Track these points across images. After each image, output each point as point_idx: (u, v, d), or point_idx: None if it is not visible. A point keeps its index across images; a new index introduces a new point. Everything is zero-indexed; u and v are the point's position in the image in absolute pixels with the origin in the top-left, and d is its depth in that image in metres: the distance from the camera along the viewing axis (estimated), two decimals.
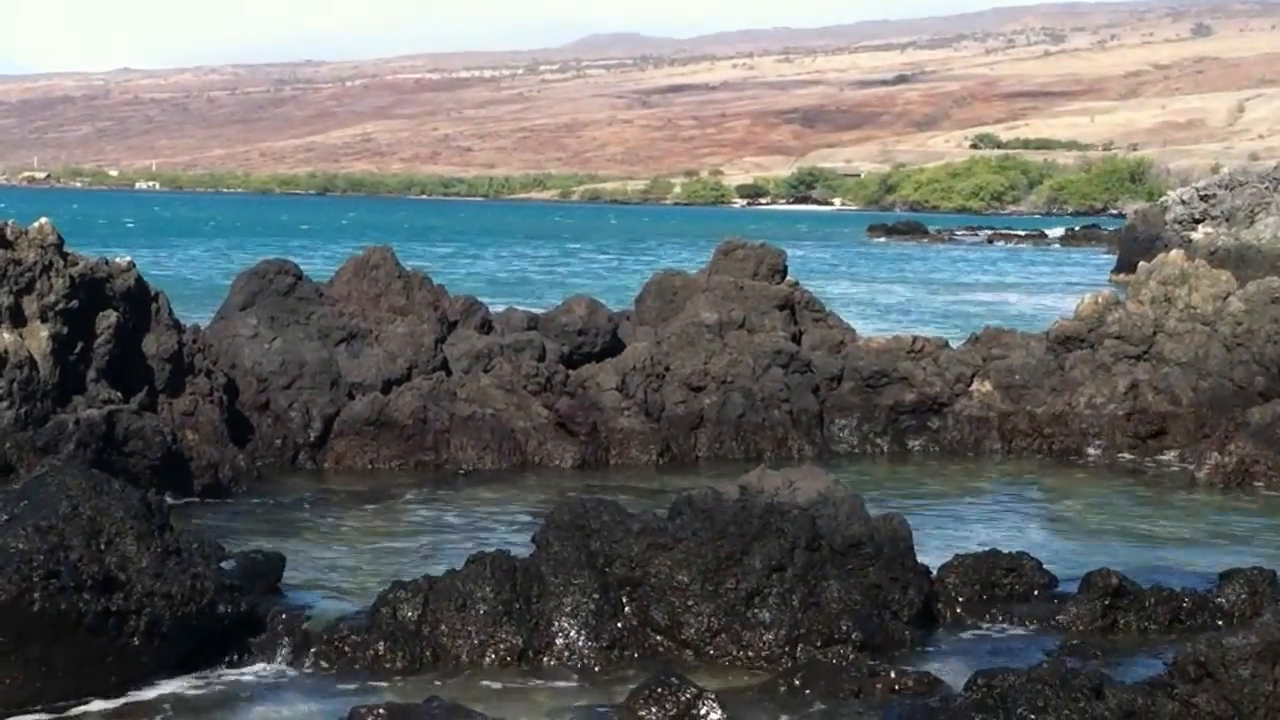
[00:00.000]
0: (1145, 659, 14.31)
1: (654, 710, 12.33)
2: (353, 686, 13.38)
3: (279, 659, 13.93)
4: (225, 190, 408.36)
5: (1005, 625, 15.74)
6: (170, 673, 13.28)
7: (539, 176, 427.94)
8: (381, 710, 11.97)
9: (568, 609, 14.48)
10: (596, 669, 14.02)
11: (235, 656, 13.88)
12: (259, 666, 13.80)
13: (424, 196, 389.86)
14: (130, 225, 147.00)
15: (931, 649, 15.01)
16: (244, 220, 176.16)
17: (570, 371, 26.16)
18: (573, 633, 14.32)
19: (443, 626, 14.25)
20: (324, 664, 13.89)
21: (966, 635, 15.58)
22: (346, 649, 14.02)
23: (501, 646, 14.12)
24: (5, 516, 13.41)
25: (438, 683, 13.37)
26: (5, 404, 20.84)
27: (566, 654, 14.19)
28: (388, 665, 13.84)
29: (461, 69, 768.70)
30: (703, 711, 12.35)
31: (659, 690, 12.45)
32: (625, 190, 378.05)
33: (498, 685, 13.54)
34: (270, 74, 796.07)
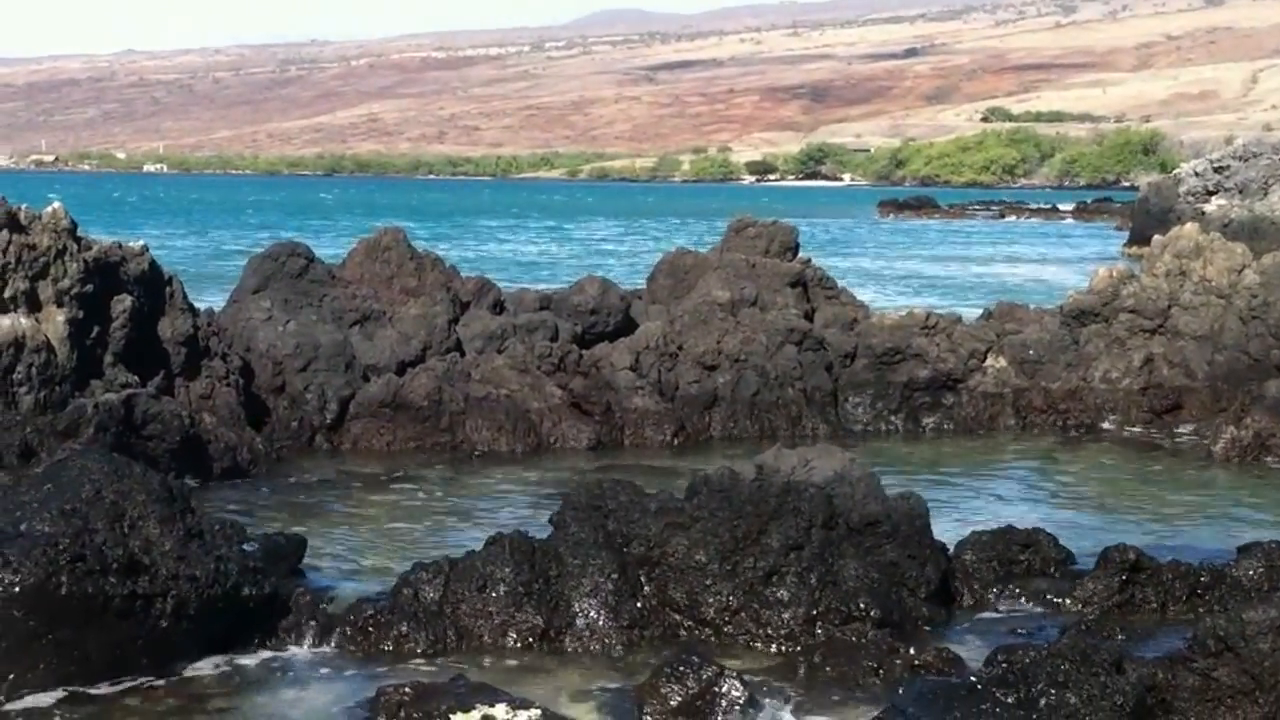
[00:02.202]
0: (1164, 634, 14.34)
1: (675, 688, 12.37)
2: (378, 668, 13.45)
3: (304, 641, 14.00)
4: (233, 172, 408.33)
5: (1023, 602, 15.76)
6: (198, 655, 13.35)
7: (546, 155, 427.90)
8: (408, 689, 12.05)
9: (587, 589, 14.53)
10: (617, 648, 14.08)
11: (260, 639, 13.96)
12: (284, 648, 13.87)
13: (432, 176, 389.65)
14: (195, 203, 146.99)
15: (949, 626, 15.06)
16: (289, 201, 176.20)
17: (583, 351, 26.19)
18: (593, 613, 14.37)
19: (464, 607, 14.31)
20: (349, 645, 13.97)
21: (984, 612, 15.62)
22: (370, 630, 14.10)
23: (522, 627, 14.18)
24: (29, 500, 13.49)
25: (461, 664, 13.43)
26: (24, 389, 20.92)
27: (587, 634, 14.24)
28: (411, 646, 13.92)
29: (467, 47, 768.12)
30: (723, 689, 12.39)
31: (680, 669, 12.49)
32: (633, 168, 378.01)
33: (520, 665, 13.62)
34: (275, 54, 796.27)
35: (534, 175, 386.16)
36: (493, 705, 11.95)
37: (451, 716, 11.76)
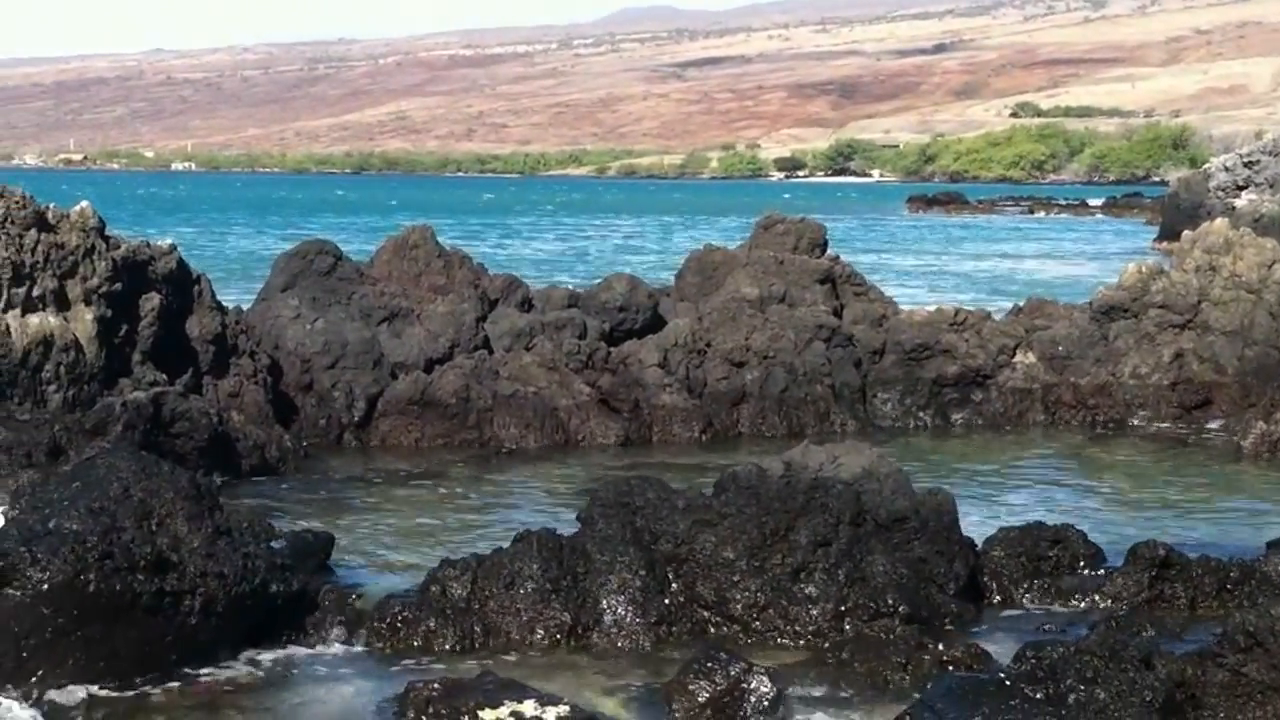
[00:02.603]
0: (1194, 629, 14.29)
1: (703, 685, 12.36)
2: (406, 664, 13.46)
3: (332, 637, 14.02)
4: (261, 170, 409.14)
5: (1052, 597, 15.72)
6: (226, 652, 13.36)
7: (575, 152, 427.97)
8: (436, 686, 12.05)
9: (614, 586, 14.52)
10: (645, 645, 14.07)
11: (289, 636, 13.98)
12: (312, 645, 13.88)
13: (460, 174, 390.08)
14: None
15: (978, 622, 15.02)
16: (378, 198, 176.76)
17: (611, 349, 26.18)
18: (620, 609, 14.36)
19: (492, 604, 14.31)
20: (376, 642, 13.98)
21: (1013, 608, 15.59)
22: (398, 626, 14.11)
23: (550, 623, 14.17)
24: (57, 498, 13.53)
25: (489, 660, 13.43)
26: (53, 387, 21.00)
27: (615, 630, 14.24)
28: (439, 642, 13.92)
29: (495, 45, 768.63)
30: (752, 685, 12.38)
31: (708, 665, 12.48)
32: (661, 165, 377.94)
33: (548, 661, 13.61)
34: (303, 53, 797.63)
35: (562, 172, 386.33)
36: (521, 701, 11.95)
37: (480, 713, 11.75)
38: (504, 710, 11.77)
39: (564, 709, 11.87)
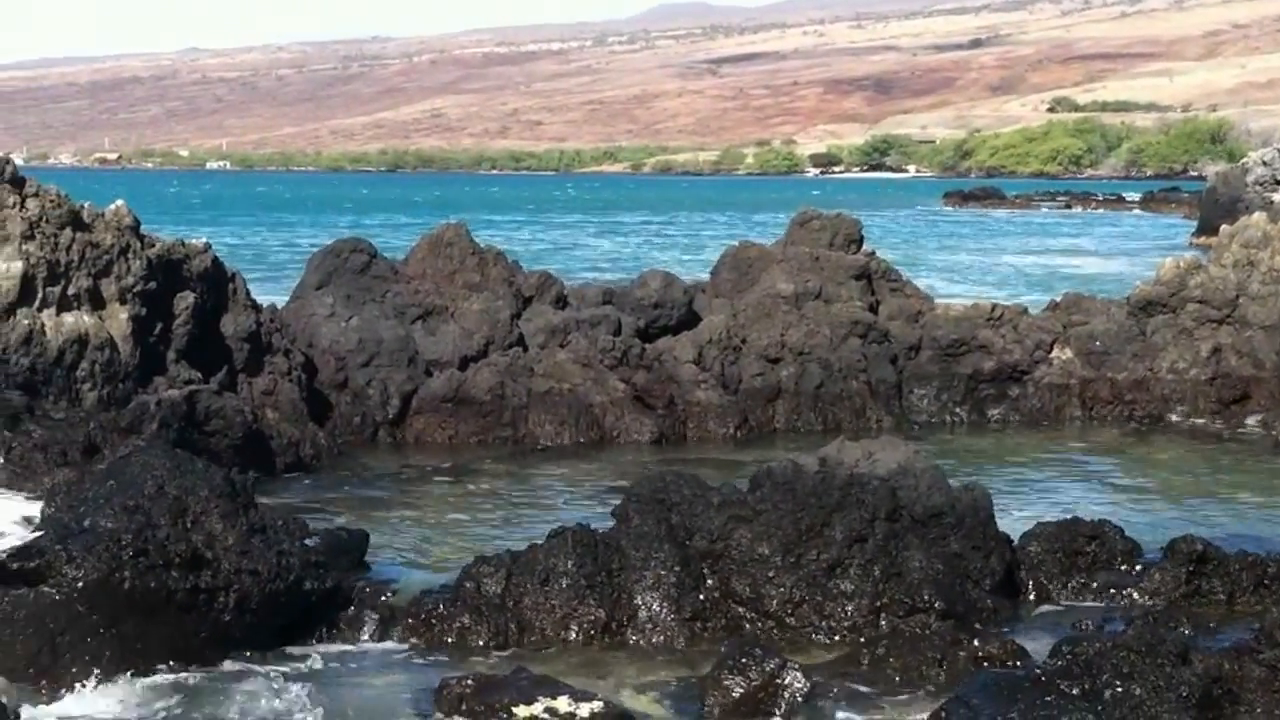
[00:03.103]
0: (1231, 625, 14.22)
1: (738, 680, 12.33)
2: (440, 659, 13.47)
3: (366, 634, 14.02)
4: (296, 169, 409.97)
5: (1088, 593, 15.65)
6: (260, 649, 13.36)
7: (610, 149, 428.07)
8: (470, 682, 12.04)
9: (649, 582, 14.50)
10: (679, 641, 14.05)
11: (323, 632, 13.98)
12: (347, 642, 13.88)
13: (495, 171, 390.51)
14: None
15: (1014, 618, 14.97)
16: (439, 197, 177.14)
17: (646, 345, 26.15)
18: (655, 605, 14.34)
19: (526, 600, 14.30)
20: (411, 638, 13.98)
21: (1049, 604, 15.54)
22: (432, 623, 14.11)
23: (585, 620, 14.16)
24: (93, 496, 13.55)
25: (523, 657, 13.40)
26: (88, 385, 21.05)
27: (649, 626, 14.21)
28: (473, 639, 13.91)
29: (529, 42, 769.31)
30: (786, 681, 12.35)
31: (743, 661, 12.45)
32: (697, 161, 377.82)
33: (582, 658, 13.59)
34: (338, 51, 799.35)
35: (597, 169, 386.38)
36: (555, 698, 11.94)
37: (513, 709, 11.75)
38: (537, 706, 11.77)
39: (597, 705, 11.86)
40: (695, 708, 12.27)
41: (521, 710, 11.72)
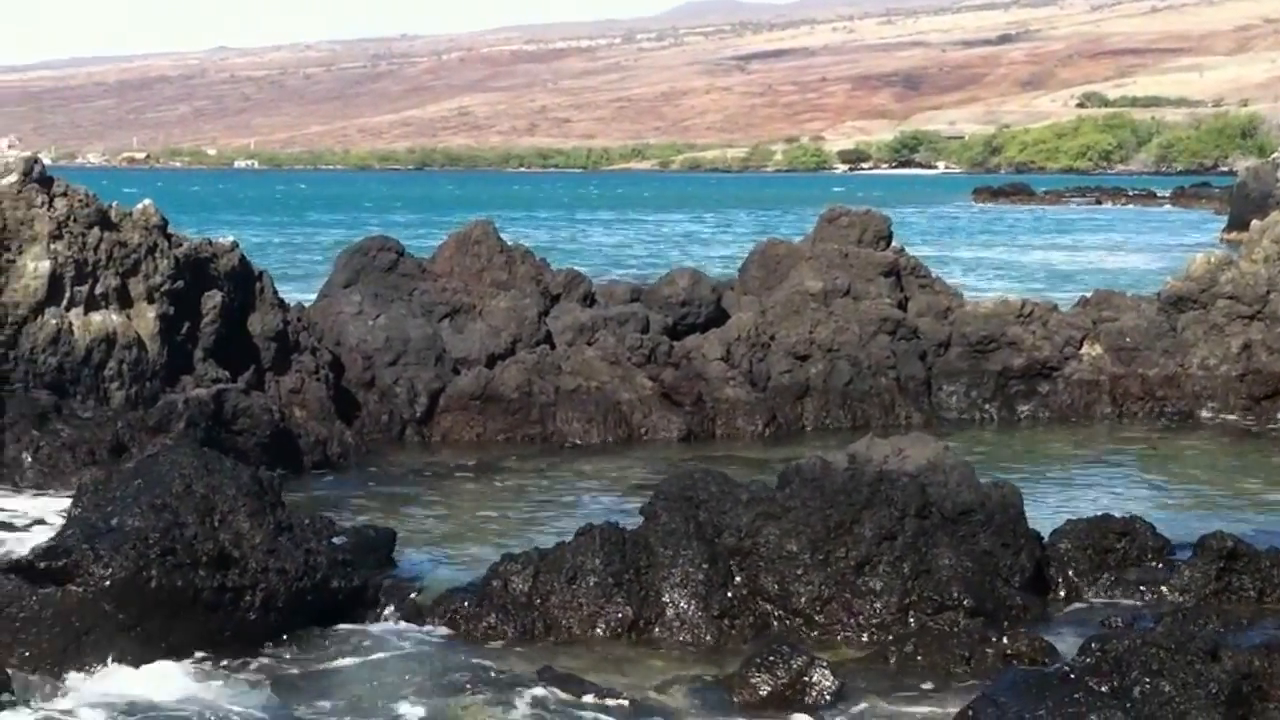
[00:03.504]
0: (1261, 622, 14.13)
1: (766, 678, 12.30)
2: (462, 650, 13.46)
3: (393, 630, 14.01)
4: (324, 167, 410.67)
5: (1118, 590, 15.58)
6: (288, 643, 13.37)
7: (638, 146, 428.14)
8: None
9: (677, 579, 14.46)
10: (707, 639, 14.00)
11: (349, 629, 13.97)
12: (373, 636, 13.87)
13: (522, 169, 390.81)
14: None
15: (1044, 615, 14.90)
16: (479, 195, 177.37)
17: (674, 343, 26.11)
18: (683, 603, 14.30)
19: (553, 598, 14.27)
20: (437, 636, 13.95)
21: (1079, 601, 15.47)
22: (459, 621, 14.08)
23: (612, 617, 14.12)
24: (120, 495, 13.56)
25: (549, 653, 13.37)
26: (115, 384, 21.08)
27: (677, 624, 14.17)
28: (500, 637, 13.88)
29: (557, 40, 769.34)
30: (814, 679, 12.31)
31: (770, 658, 12.42)
32: (725, 158, 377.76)
33: (609, 655, 13.54)
34: (366, 49, 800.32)
35: (625, 167, 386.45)
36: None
37: None
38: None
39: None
40: (723, 706, 12.22)
41: None
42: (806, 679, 12.28)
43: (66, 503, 15.96)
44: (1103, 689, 11.26)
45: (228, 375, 22.21)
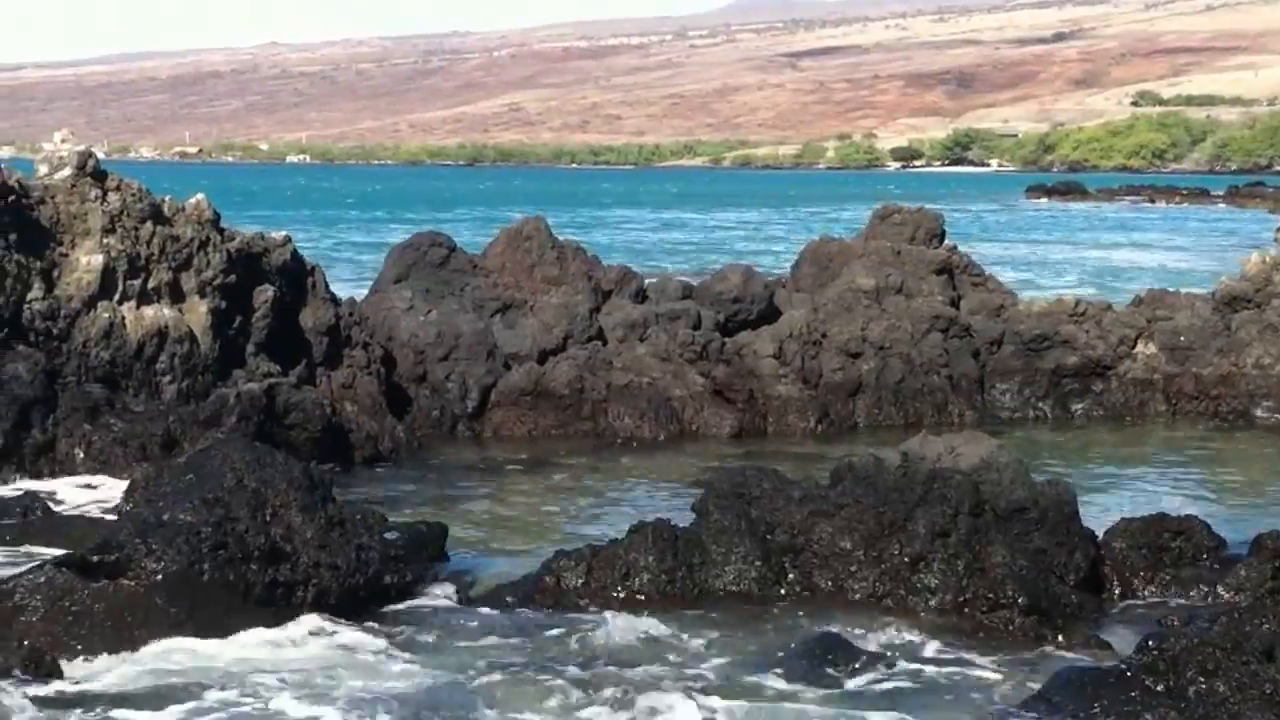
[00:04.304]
0: None
1: None
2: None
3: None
4: (375, 162, 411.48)
5: (1174, 589, 15.45)
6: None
7: (689, 143, 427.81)
8: None
9: (730, 578, 14.42)
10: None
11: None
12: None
13: (574, 165, 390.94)
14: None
15: (1098, 613, 14.79)
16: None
17: (726, 340, 26.04)
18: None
19: (607, 594, 14.25)
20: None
21: (1134, 599, 15.36)
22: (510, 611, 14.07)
23: None
24: (172, 489, 13.56)
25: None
26: (167, 379, 21.12)
27: None
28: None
29: (609, 36, 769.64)
30: None
31: None
32: (777, 155, 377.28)
33: None
34: (418, 45, 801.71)
35: (676, 163, 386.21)
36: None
37: None
38: None
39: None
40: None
41: None
42: None
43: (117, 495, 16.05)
44: (1158, 688, 11.21)
45: (279, 370, 22.23)
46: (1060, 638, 13.28)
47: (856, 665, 12.59)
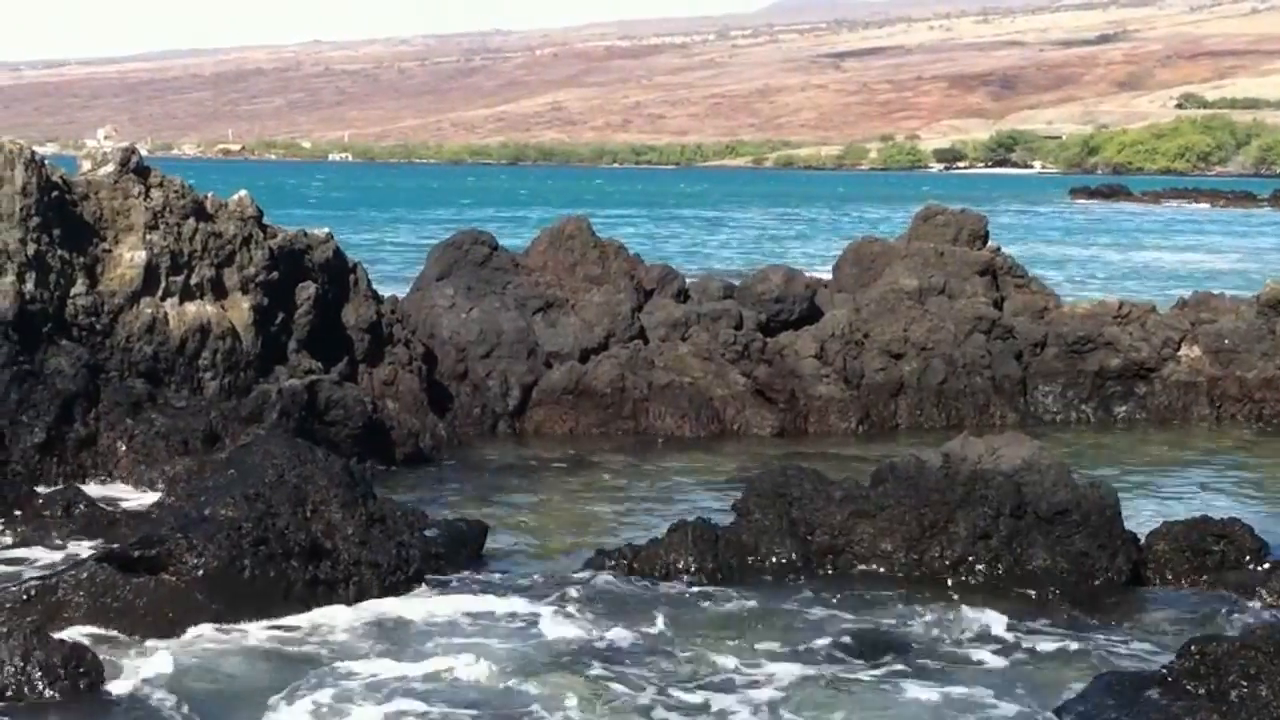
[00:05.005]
0: None
1: None
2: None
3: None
4: (417, 161, 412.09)
5: (1217, 592, 15.38)
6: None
7: (731, 143, 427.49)
8: None
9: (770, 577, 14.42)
10: None
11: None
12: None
13: (615, 165, 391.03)
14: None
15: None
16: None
17: (768, 339, 26.01)
18: None
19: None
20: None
21: (1176, 603, 15.26)
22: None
23: None
24: (213, 485, 13.59)
25: None
26: (209, 374, 21.15)
27: None
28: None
29: (652, 36, 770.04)
30: None
31: None
32: (819, 156, 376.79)
33: None
34: (460, 44, 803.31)
35: (718, 163, 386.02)
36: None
37: None
38: None
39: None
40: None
41: None
42: None
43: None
44: (1200, 692, 11.13)
45: (321, 366, 22.25)
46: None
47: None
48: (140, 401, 19.54)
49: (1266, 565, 15.84)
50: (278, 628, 12.97)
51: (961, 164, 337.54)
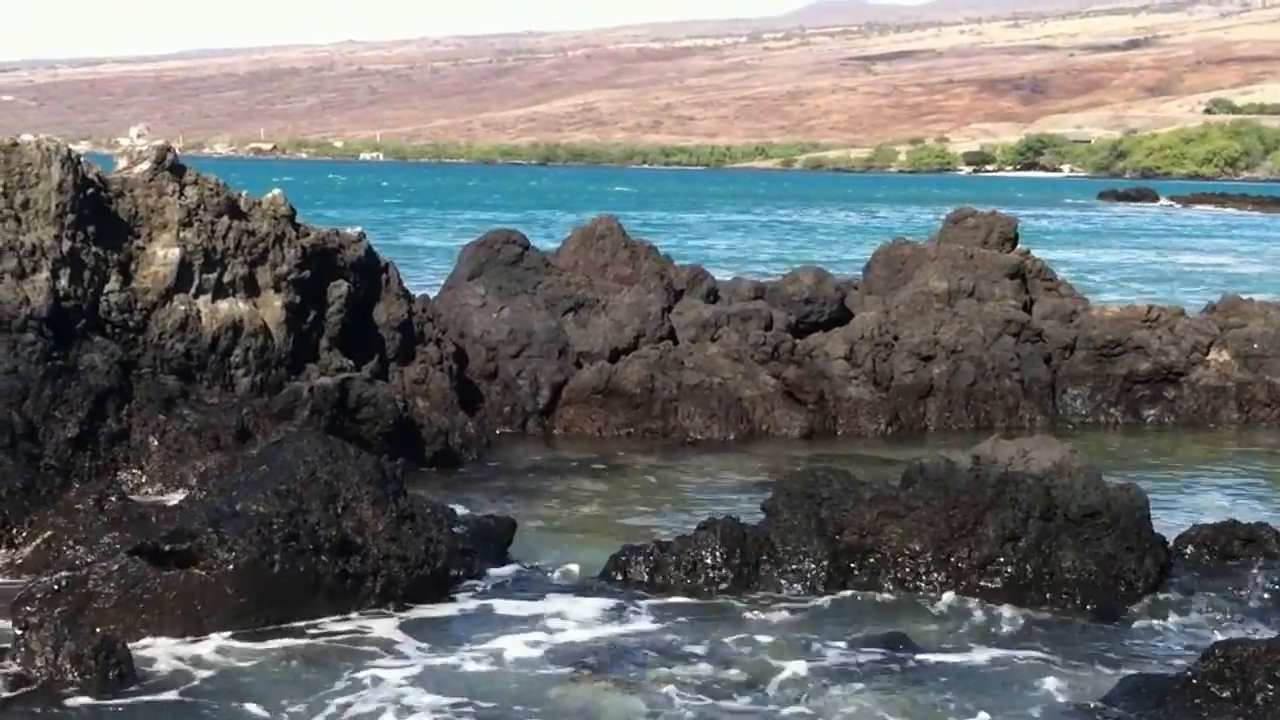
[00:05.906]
0: None
1: None
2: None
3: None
4: (448, 160, 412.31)
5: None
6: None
7: (761, 145, 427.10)
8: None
9: (797, 576, 14.44)
10: None
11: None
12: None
13: (645, 166, 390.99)
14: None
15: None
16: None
17: (797, 341, 26.04)
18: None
19: (673, 589, 14.30)
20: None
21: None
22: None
23: None
24: (245, 481, 13.67)
25: None
26: (241, 372, 21.24)
27: None
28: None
29: (684, 38, 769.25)
30: None
31: None
32: (849, 159, 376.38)
33: None
34: (493, 45, 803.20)
35: (748, 165, 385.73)
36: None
37: None
38: None
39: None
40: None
41: None
42: None
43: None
44: (1225, 695, 11.16)
45: (352, 364, 22.33)
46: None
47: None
48: (172, 398, 19.63)
49: None
50: (307, 622, 13.09)
51: (990, 167, 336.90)
